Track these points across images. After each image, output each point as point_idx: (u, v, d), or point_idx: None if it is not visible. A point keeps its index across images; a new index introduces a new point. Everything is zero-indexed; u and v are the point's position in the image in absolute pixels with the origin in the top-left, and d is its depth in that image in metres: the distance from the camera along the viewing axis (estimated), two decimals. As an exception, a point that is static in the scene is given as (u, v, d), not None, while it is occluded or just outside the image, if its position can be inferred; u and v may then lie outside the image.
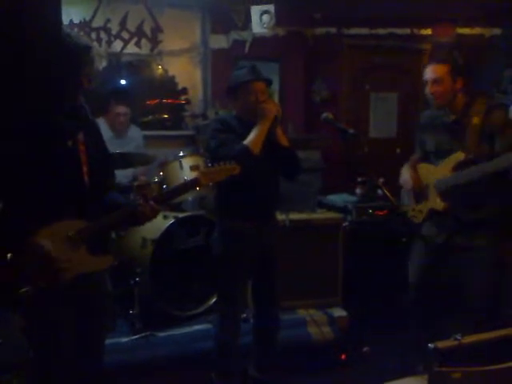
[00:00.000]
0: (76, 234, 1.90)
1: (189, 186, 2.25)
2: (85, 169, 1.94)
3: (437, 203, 2.72)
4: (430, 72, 2.69)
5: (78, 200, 1.93)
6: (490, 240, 2.67)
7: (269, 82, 2.71)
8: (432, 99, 2.70)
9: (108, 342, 2.82)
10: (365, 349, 3.37)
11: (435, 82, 2.65)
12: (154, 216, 2.07)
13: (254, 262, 2.74)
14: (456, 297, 2.73)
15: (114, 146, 3.79)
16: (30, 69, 1.49)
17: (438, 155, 2.76)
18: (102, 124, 3.88)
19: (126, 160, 3.44)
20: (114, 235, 3.52)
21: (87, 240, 1.93)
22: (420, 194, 2.83)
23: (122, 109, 4.02)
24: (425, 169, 2.85)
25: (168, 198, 2.28)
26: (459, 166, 2.63)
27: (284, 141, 2.69)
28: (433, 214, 2.76)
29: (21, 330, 1.99)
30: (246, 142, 2.53)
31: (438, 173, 2.74)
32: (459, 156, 2.63)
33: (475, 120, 2.60)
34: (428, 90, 2.70)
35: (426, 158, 2.89)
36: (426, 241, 2.77)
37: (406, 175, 2.91)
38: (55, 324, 1.90)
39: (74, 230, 1.90)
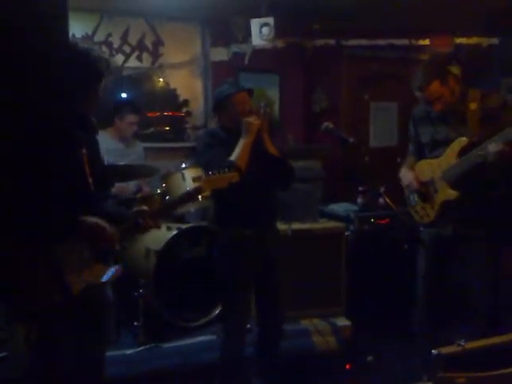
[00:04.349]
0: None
1: (192, 194, 2.29)
2: (90, 180, 1.97)
3: (449, 193, 2.65)
4: (429, 94, 2.65)
5: (85, 210, 1.95)
6: (488, 230, 2.65)
7: (250, 92, 2.78)
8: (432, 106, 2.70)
9: (112, 353, 2.83)
10: (369, 358, 3.35)
11: (437, 99, 2.64)
12: (157, 226, 2.11)
13: (256, 272, 2.75)
14: (459, 299, 2.72)
15: (119, 156, 3.84)
16: (45, 79, 1.53)
17: (434, 146, 2.75)
18: (106, 136, 3.91)
19: (130, 172, 3.46)
20: (117, 246, 3.53)
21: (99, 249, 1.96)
22: (426, 191, 2.78)
23: (134, 118, 4.09)
24: (426, 164, 2.80)
25: (173, 207, 2.32)
26: (464, 151, 2.58)
27: (273, 150, 2.72)
28: (446, 206, 2.68)
29: (26, 342, 1.99)
30: (232, 157, 2.58)
31: (443, 164, 2.68)
32: (462, 142, 2.59)
33: (472, 106, 2.60)
34: (434, 108, 2.68)
35: (421, 151, 2.86)
36: (426, 247, 2.77)
37: (409, 176, 2.87)
38: (63, 337, 1.91)
39: None
